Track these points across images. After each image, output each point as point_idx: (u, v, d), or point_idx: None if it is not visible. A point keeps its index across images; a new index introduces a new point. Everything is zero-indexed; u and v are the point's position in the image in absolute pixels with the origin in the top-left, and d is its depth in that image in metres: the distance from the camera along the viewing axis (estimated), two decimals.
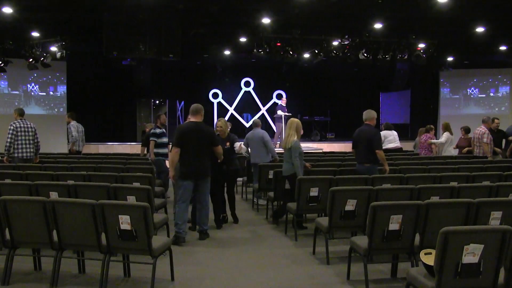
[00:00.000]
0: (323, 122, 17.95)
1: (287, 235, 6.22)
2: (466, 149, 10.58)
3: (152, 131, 8.58)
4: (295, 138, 6.38)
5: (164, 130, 8.77)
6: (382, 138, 8.98)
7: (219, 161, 6.24)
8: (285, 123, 14.16)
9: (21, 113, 8.16)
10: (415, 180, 5.93)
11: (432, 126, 10.84)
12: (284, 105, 14.54)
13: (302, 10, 10.57)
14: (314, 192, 5.79)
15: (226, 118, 17.16)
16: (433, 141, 10.31)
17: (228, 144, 6.80)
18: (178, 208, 5.84)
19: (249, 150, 8.32)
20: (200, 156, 5.85)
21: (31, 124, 8.23)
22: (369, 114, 6.92)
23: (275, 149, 9.48)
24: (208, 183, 6.02)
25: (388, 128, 10.21)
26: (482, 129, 9.24)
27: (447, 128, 10.34)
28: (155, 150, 8.41)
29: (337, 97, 18.66)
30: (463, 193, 5.18)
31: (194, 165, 5.82)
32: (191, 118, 6.00)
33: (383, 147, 8.96)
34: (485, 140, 9.10)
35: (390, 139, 9.96)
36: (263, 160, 8.09)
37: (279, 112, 14.20)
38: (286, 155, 6.50)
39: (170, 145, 7.91)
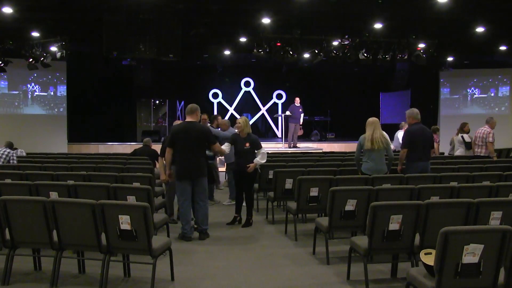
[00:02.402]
0: (323, 122, 17.96)
1: (287, 235, 6.22)
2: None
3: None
4: None
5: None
6: None
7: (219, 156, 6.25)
8: (294, 122, 14.08)
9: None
10: (415, 180, 5.93)
11: (438, 127, 10.81)
12: (298, 105, 14.22)
13: (302, 10, 10.57)
14: (314, 192, 5.80)
15: (226, 118, 17.16)
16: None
17: (247, 145, 6.64)
18: (181, 208, 5.92)
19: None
20: (194, 156, 5.86)
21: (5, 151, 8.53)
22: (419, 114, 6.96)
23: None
24: (204, 183, 6.00)
25: None
26: (487, 129, 9.14)
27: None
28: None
29: (337, 97, 18.66)
30: (463, 193, 5.17)
31: (188, 165, 5.84)
32: (187, 118, 6.03)
33: None
34: (490, 139, 9.05)
35: None
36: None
37: (288, 113, 14.11)
38: (378, 156, 6.34)
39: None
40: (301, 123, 14.37)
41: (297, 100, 14.38)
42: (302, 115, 14.26)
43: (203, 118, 9.01)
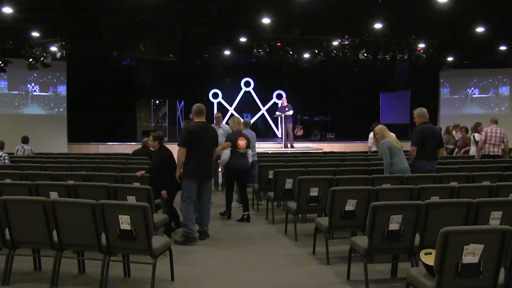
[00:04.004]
0: (323, 122, 17.96)
1: (287, 235, 6.22)
2: (464, 149, 10.56)
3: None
4: None
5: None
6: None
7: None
8: (285, 123, 14.08)
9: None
10: (415, 180, 5.93)
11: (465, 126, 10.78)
12: (285, 104, 14.23)
13: (302, 10, 10.58)
14: (314, 192, 5.80)
15: (226, 118, 17.17)
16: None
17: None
18: (187, 209, 5.75)
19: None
20: (206, 156, 5.86)
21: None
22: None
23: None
24: (211, 184, 6.03)
25: None
26: (500, 129, 9.04)
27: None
28: None
29: (337, 97, 18.67)
30: (463, 193, 5.18)
31: (201, 165, 5.80)
32: (197, 118, 6.00)
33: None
34: (508, 139, 8.94)
35: None
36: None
37: (278, 113, 14.17)
38: (403, 155, 6.41)
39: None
40: (288, 113, 14.01)
41: (284, 100, 14.55)
42: (291, 112, 13.99)
43: (218, 117, 9.09)
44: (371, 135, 9.42)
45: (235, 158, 6.92)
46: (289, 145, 14.34)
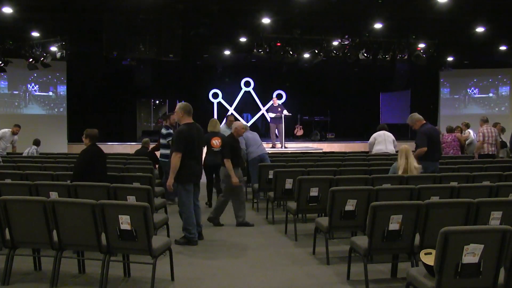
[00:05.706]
0: (323, 122, 17.96)
1: (287, 235, 6.22)
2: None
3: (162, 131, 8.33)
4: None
5: (171, 130, 8.42)
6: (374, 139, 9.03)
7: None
8: (281, 122, 14.06)
9: None
10: (415, 180, 5.92)
11: (459, 126, 10.82)
12: (276, 105, 14.12)
13: (302, 10, 10.58)
14: (314, 192, 5.79)
15: (225, 119, 17.16)
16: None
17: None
18: (187, 213, 5.65)
19: (247, 148, 8.36)
20: (198, 159, 5.83)
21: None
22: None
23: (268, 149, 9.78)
24: (199, 184, 5.98)
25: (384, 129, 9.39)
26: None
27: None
28: (161, 151, 8.38)
29: (337, 97, 18.66)
30: (463, 193, 5.18)
31: (195, 169, 5.74)
32: (186, 119, 5.75)
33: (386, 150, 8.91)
34: (501, 138, 9.05)
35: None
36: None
37: (271, 114, 14.25)
38: None
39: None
40: (285, 113, 13.91)
41: (274, 100, 14.55)
42: (284, 112, 13.84)
43: (230, 120, 9.13)
44: (371, 139, 9.39)
45: (210, 155, 7.77)
46: (275, 144, 14.44)
